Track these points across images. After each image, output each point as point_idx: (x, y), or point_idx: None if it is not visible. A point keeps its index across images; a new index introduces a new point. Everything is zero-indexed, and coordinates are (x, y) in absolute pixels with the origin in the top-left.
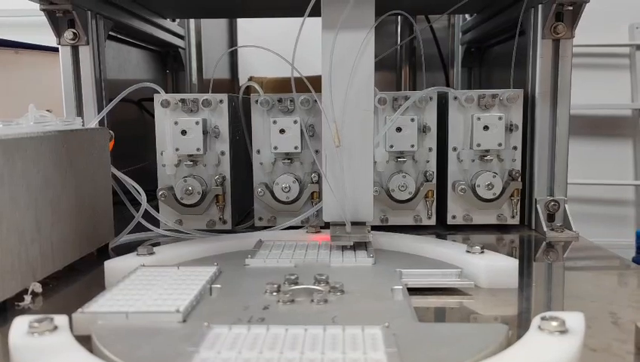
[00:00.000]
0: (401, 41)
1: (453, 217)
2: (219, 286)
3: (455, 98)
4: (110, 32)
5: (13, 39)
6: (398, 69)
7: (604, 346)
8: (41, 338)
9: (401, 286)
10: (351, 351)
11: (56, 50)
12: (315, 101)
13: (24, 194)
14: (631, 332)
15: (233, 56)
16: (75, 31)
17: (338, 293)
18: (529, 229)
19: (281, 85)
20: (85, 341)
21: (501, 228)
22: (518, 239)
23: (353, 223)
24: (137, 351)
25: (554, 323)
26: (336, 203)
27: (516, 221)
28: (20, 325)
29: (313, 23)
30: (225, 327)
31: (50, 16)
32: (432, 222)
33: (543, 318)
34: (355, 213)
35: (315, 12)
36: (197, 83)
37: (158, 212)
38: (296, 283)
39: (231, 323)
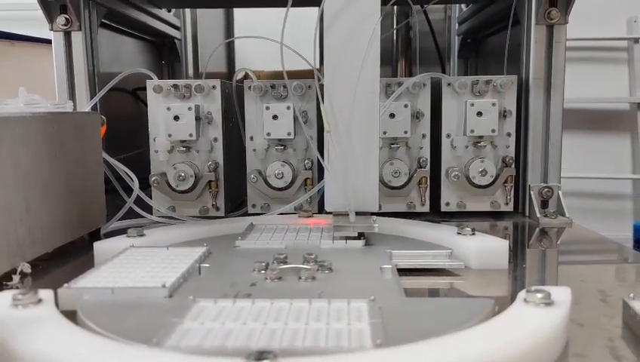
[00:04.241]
0: (397, 33)
1: (447, 204)
2: (207, 265)
3: (449, 84)
4: (104, 20)
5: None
6: (393, 62)
7: (592, 321)
8: (24, 311)
9: (390, 266)
10: (335, 322)
11: (51, 42)
12: (309, 87)
13: (12, 172)
14: (619, 309)
15: (230, 49)
16: (67, 16)
17: (326, 271)
18: (523, 216)
19: (277, 78)
20: (71, 316)
21: (495, 215)
22: (512, 225)
23: (357, 213)
24: (121, 324)
25: (539, 296)
26: (339, 192)
27: (510, 208)
28: (4, 298)
29: (310, 15)
30: (210, 301)
31: (43, 1)
32: (426, 209)
33: (528, 291)
34: (359, 202)
35: (313, 2)
36: (193, 75)
37: (151, 199)
38: (284, 263)
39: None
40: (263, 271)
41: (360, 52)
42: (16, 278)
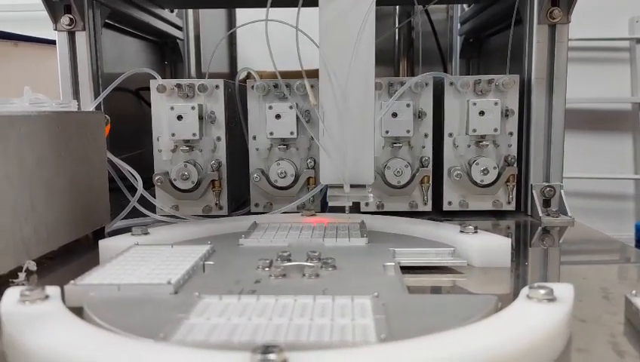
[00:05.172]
0: (399, 33)
1: (449, 203)
2: (212, 263)
3: (451, 83)
4: (108, 21)
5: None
6: (396, 62)
7: (595, 317)
8: (32, 306)
9: (393, 263)
10: (339, 317)
11: (54, 42)
12: (312, 86)
13: (17, 171)
14: (621, 306)
15: (232, 50)
16: (71, 16)
17: (330, 269)
18: (525, 215)
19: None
20: (77, 313)
21: (497, 214)
22: (514, 224)
23: (352, 186)
24: (128, 320)
25: (542, 292)
26: (334, 163)
27: (512, 207)
28: (11, 295)
29: (312, 15)
30: (215, 297)
31: (47, 1)
32: (428, 208)
33: (531, 287)
34: (354, 174)
35: (313, 2)
36: (195, 75)
37: (155, 198)
38: (288, 260)
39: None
40: (267, 269)
41: (357, 19)
42: (21, 276)
